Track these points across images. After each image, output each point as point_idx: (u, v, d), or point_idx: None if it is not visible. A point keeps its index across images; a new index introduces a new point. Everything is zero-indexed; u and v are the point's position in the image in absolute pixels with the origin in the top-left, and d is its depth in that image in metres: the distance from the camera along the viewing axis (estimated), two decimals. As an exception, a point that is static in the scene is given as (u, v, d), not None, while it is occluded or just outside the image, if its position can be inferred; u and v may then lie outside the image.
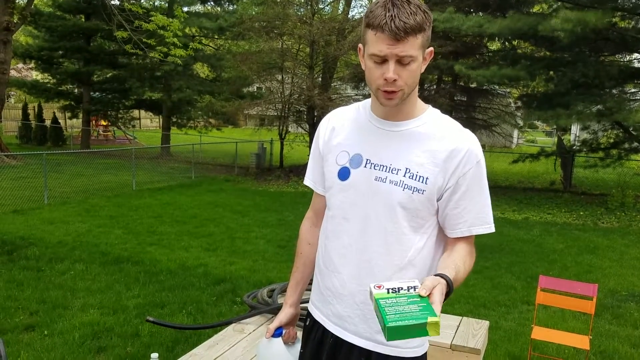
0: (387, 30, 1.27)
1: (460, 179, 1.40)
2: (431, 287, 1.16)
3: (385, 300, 1.15)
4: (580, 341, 3.57)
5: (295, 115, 16.67)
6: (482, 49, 15.21)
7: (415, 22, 1.28)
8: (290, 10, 15.15)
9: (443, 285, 1.19)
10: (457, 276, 1.32)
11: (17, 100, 30.86)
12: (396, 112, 1.44)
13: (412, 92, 1.39)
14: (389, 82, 1.32)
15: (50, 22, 18.97)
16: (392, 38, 1.28)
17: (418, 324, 1.09)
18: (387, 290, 1.19)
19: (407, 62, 1.31)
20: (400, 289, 1.19)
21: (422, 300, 1.15)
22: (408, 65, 1.32)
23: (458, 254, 1.42)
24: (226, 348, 2.57)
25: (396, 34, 1.27)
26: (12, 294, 4.87)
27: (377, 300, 1.16)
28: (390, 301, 1.15)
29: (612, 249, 7.64)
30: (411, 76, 1.34)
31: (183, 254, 6.58)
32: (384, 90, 1.34)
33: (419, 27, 1.29)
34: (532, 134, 32.49)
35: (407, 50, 1.29)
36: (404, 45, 1.28)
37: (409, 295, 1.17)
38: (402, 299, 1.16)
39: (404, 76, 1.32)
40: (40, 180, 10.26)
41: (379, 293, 1.18)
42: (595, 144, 13.76)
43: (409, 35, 1.28)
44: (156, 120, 33.17)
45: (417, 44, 1.30)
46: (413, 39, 1.29)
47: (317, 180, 1.64)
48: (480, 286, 5.69)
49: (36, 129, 21.65)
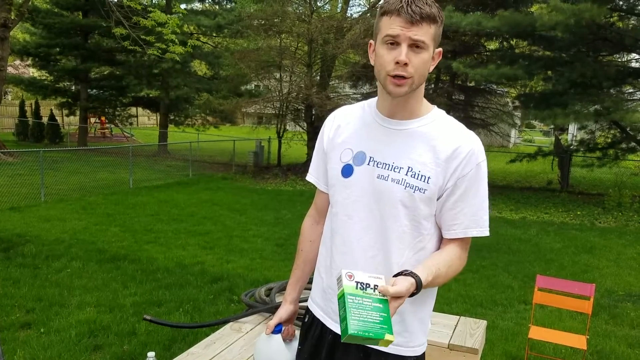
0: (403, 13, 1.30)
1: (459, 180, 1.40)
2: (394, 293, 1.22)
3: (353, 297, 1.21)
4: (578, 341, 3.58)
5: (293, 114, 16.66)
6: (480, 48, 15.21)
7: (431, 12, 1.32)
8: (289, 8, 15.13)
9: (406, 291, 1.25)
10: (434, 281, 1.36)
11: (14, 97, 30.76)
12: (401, 110, 1.45)
13: (419, 86, 1.40)
14: (400, 65, 1.32)
15: (47, 19, 18.90)
16: (407, 21, 1.30)
17: (374, 339, 1.17)
18: (356, 284, 1.23)
19: (420, 48, 1.32)
20: (368, 285, 1.24)
21: (384, 307, 1.21)
22: (420, 53, 1.33)
23: (445, 256, 1.43)
24: (223, 347, 2.56)
25: (412, 16, 1.30)
26: (8, 292, 4.85)
27: (345, 296, 1.21)
28: (357, 301, 1.21)
29: (609, 248, 7.65)
30: (422, 65, 1.35)
31: (180, 252, 6.57)
32: (394, 75, 1.34)
33: (434, 17, 1.32)
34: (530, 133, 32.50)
35: (420, 35, 1.31)
36: (418, 29, 1.31)
37: (374, 298, 1.22)
38: (367, 300, 1.22)
39: (415, 63, 1.33)
40: (37, 177, 10.22)
41: (348, 285, 1.23)
42: (593, 144, 13.79)
43: (424, 20, 1.31)
44: (154, 117, 33.10)
45: (430, 33, 1.32)
46: (427, 27, 1.31)
47: (320, 177, 1.65)
48: (477, 285, 5.70)
49: (33, 126, 21.58)
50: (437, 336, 2.66)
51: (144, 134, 26.19)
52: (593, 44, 11.72)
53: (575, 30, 9.99)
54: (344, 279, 1.23)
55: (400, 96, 1.38)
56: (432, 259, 1.41)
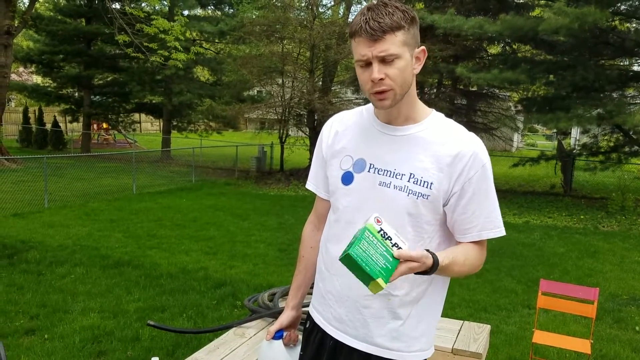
0: (363, 33, 1.30)
1: (465, 184, 1.40)
2: (407, 256, 1.22)
3: (370, 235, 1.22)
4: (582, 345, 3.57)
5: (296, 119, 16.68)
6: (482, 53, 15.23)
7: (391, 21, 1.30)
8: (291, 14, 15.16)
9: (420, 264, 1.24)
10: (451, 267, 1.35)
11: (17, 104, 30.90)
12: (398, 116, 1.44)
13: (406, 92, 1.39)
14: (375, 82, 1.33)
15: (51, 26, 19.01)
16: (369, 39, 1.30)
17: (367, 274, 1.19)
18: (380, 230, 1.24)
19: (391, 60, 1.32)
20: (390, 238, 1.25)
21: (392, 261, 1.21)
22: (393, 64, 1.32)
23: (462, 249, 1.43)
24: (227, 352, 2.56)
25: (372, 34, 1.29)
26: (12, 298, 4.86)
27: (365, 230, 1.23)
28: (372, 240, 1.22)
29: (612, 252, 7.63)
30: (399, 75, 1.34)
31: (183, 258, 6.58)
32: (374, 92, 1.35)
33: (396, 25, 1.30)
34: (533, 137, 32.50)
35: (386, 48, 1.30)
36: (382, 44, 1.30)
37: (387, 248, 1.23)
38: (380, 246, 1.22)
39: (391, 74, 1.33)
40: (40, 183, 10.26)
41: (371, 225, 1.24)
42: (596, 148, 13.76)
43: (386, 33, 1.29)
44: (157, 123, 33.20)
45: (397, 41, 1.31)
46: (391, 37, 1.30)
47: (319, 185, 1.64)
48: (480, 290, 5.69)
49: (37, 132, 21.66)
50: (441, 341, 2.66)
51: (147, 140, 26.24)
52: (595, 48, 11.72)
53: (578, 34, 9.99)
54: (371, 219, 1.25)
55: (388, 109, 1.39)
56: (449, 249, 1.42)
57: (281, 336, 1.67)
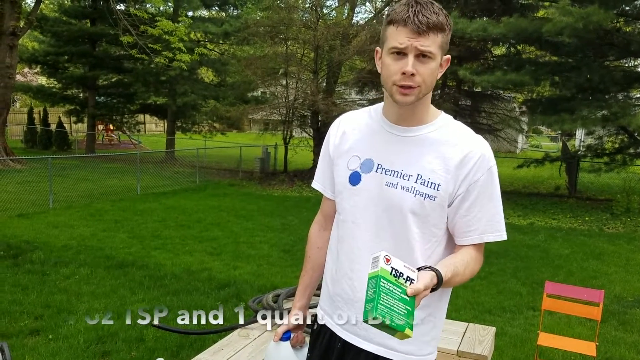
0: (409, 23, 1.29)
1: (471, 186, 1.39)
2: (420, 290, 1.22)
3: (386, 282, 1.21)
4: (587, 347, 3.55)
5: (300, 120, 16.69)
6: (486, 54, 15.20)
7: (438, 21, 1.30)
8: (295, 15, 15.17)
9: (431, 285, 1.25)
10: (453, 279, 1.35)
11: (22, 105, 31.00)
12: (408, 117, 1.44)
13: (427, 94, 1.39)
14: (407, 75, 1.32)
15: (56, 27, 19.07)
16: (414, 31, 1.30)
17: (395, 329, 1.19)
18: (391, 270, 1.24)
19: (427, 58, 1.32)
20: (401, 275, 1.24)
21: (410, 301, 1.22)
22: (427, 63, 1.32)
23: (462, 258, 1.42)
24: (231, 353, 2.56)
25: (419, 27, 1.29)
26: (17, 298, 4.87)
27: (379, 278, 1.22)
28: (389, 287, 1.21)
29: (617, 254, 7.60)
30: (429, 75, 1.34)
31: (187, 258, 6.58)
32: (400, 84, 1.34)
33: (441, 26, 1.31)
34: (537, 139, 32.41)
35: (427, 45, 1.30)
36: (425, 40, 1.30)
37: (402, 289, 1.22)
38: (397, 289, 1.22)
39: (422, 72, 1.33)
40: (45, 184, 10.28)
41: (384, 269, 1.23)
42: (600, 149, 13.71)
43: (431, 30, 1.30)
44: (161, 124, 33.21)
45: (437, 42, 1.32)
46: (434, 36, 1.31)
47: (326, 184, 1.63)
48: (485, 292, 5.67)
49: (41, 133, 21.72)
50: (446, 343, 2.65)
51: (152, 141, 26.29)
52: (600, 49, 11.68)
53: (582, 35, 9.96)
54: (381, 261, 1.24)
55: (408, 105, 1.38)
56: (449, 259, 1.41)
57: (289, 337, 1.66)
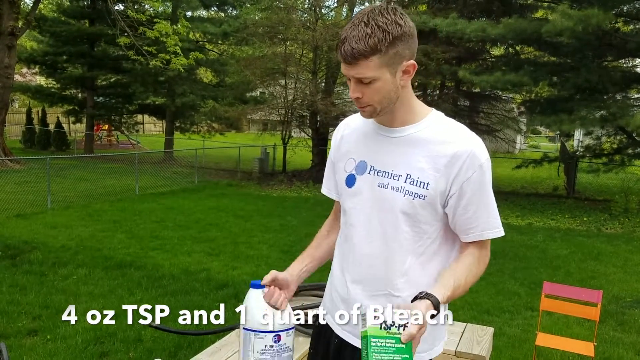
0: (340, 55, 1.33)
1: (464, 184, 1.39)
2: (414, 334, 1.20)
3: (376, 340, 1.19)
4: (585, 348, 3.56)
5: (298, 120, 16.69)
6: (485, 55, 15.22)
7: (366, 46, 1.28)
8: (294, 15, 15.18)
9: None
10: (454, 294, 1.36)
11: (21, 105, 30.98)
12: (393, 120, 1.46)
13: (389, 105, 1.39)
14: (353, 99, 1.39)
15: (54, 27, 19.05)
16: (345, 62, 1.33)
17: None
18: (381, 325, 1.21)
19: (367, 82, 1.34)
20: (392, 324, 1.21)
21: (406, 348, 1.19)
22: (369, 85, 1.34)
23: (462, 265, 1.43)
24: (230, 354, 2.56)
25: (345, 58, 1.32)
26: (15, 299, 4.87)
27: (368, 338, 1.19)
28: (380, 343, 1.18)
29: (616, 255, 7.61)
30: (376, 94, 1.36)
31: (186, 259, 6.58)
32: (358, 106, 1.41)
33: (370, 50, 1.28)
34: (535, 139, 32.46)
35: (361, 72, 1.32)
36: (356, 68, 1.32)
37: (397, 339, 1.19)
38: (390, 341, 1.19)
39: (368, 94, 1.36)
40: (43, 184, 10.27)
41: (372, 327, 1.21)
42: (599, 150, 13.73)
43: (358, 59, 1.30)
44: (159, 125, 33.19)
45: (371, 65, 1.30)
46: (364, 62, 1.30)
47: (331, 188, 1.68)
48: (484, 292, 5.67)
49: (40, 133, 21.70)
50: (444, 343, 2.65)
51: (150, 141, 26.27)
52: (598, 50, 11.70)
53: (581, 36, 9.98)
54: (369, 319, 1.21)
55: (370, 117, 1.44)
56: (448, 273, 1.41)
57: (257, 286, 1.54)
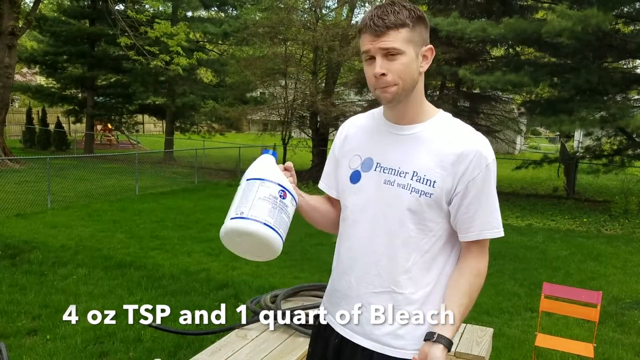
0: (368, 28, 1.35)
1: (469, 183, 1.41)
2: None
3: None
4: (585, 349, 3.56)
5: (299, 121, 16.70)
6: (485, 55, 15.21)
7: (396, 18, 1.34)
8: (294, 16, 15.19)
9: None
10: (462, 318, 1.43)
11: (21, 105, 30.97)
12: (404, 116, 1.47)
13: (410, 89, 1.41)
14: (378, 78, 1.37)
15: (55, 27, 19.05)
16: (373, 34, 1.35)
17: None
18: None
19: (394, 55, 1.35)
20: None
21: None
22: (396, 59, 1.36)
23: (463, 282, 1.46)
24: (229, 354, 2.56)
25: (376, 29, 1.34)
26: (14, 298, 4.86)
27: None
28: None
29: (615, 256, 7.61)
30: (404, 70, 1.37)
31: (185, 259, 6.58)
32: (379, 87, 1.39)
33: (400, 22, 1.34)
34: (536, 140, 32.47)
35: (389, 42, 1.34)
36: (385, 38, 1.34)
37: None
38: None
39: (394, 69, 1.36)
40: (43, 184, 10.27)
41: None
42: (599, 151, 13.72)
43: (389, 29, 1.34)
44: (160, 125, 33.20)
45: (400, 37, 1.34)
46: (394, 33, 1.34)
47: (331, 184, 1.67)
48: (483, 293, 5.63)
49: (40, 133, 21.70)
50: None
51: (150, 141, 26.27)
52: (599, 51, 11.70)
53: (581, 37, 9.98)
54: None
55: (391, 101, 1.41)
56: (451, 298, 1.44)
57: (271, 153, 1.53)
